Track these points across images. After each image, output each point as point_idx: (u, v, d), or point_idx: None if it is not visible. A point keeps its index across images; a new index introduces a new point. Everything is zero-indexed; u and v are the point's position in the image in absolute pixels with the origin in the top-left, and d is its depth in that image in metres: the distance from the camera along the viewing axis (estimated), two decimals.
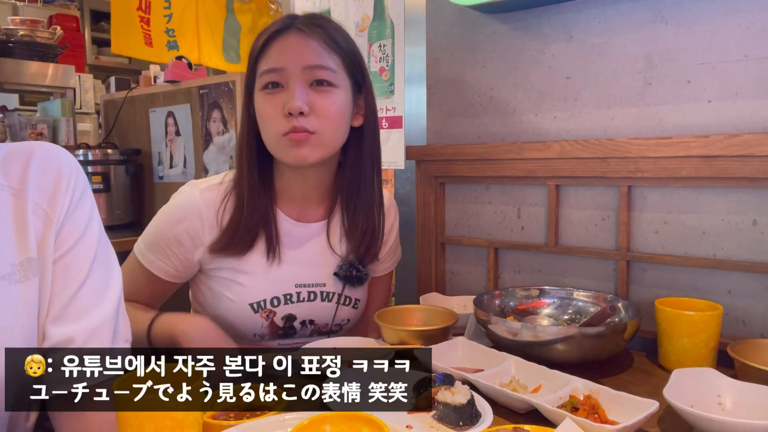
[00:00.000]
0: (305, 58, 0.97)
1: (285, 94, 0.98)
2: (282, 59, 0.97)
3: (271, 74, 0.98)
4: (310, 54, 0.98)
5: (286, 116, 0.97)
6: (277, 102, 0.98)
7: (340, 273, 1.12)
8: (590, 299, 1.15)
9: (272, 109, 0.98)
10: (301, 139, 0.98)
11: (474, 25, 1.38)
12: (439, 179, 1.43)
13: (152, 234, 1.07)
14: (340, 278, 1.12)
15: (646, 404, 0.74)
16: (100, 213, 0.79)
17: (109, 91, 4.06)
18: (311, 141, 0.99)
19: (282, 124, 0.97)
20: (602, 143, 1.15)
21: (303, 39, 0.98)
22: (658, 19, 1.12)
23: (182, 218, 1.05)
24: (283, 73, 0.97)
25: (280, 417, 0.71)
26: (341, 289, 1.13)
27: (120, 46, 3.42)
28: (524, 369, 0.91)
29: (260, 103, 1.01)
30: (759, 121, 1.04)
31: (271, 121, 0.99)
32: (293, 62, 0.97)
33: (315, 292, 1.11)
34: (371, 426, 0.62)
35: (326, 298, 1.12)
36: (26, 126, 2.71)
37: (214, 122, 2.39)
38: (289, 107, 0.96)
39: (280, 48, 0.98)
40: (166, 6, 3.55)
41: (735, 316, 1.06)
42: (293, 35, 0.98)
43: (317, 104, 0.98)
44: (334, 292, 1.13)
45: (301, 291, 1.10)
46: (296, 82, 0.97)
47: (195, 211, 1.05)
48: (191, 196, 1.07)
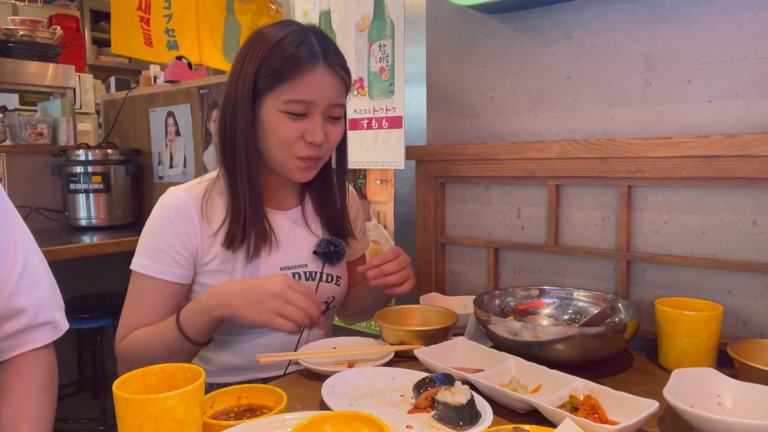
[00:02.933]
0: (331, 97, 1.07)
1: (307, 122, 1.06)
2: (314, 94, 1.05)
3: (300, 105, 1.05)
4: (336, 93, 1.08)
5: (306, 143, 1.07)
6: (298, 127, 1.06)
7: (319, 250, 1.18)
8: (590, 299, 1.15)
9: (293, 132, 1.06)
10: (312, 165, 1.10)
11: (474, 25, 1.38)
12: (439, 179, 1.43)
13: (147, 245, 1.09)
14: (319, 256, 1.18)
15: (646, 404, 0.74)
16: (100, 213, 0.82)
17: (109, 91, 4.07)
18: (317, 165, 1.12)
19: (300, 148, 1.07)
20: (602, 143, 1.15)
21: (332, 78, 1.07)
22: (658, 19, 1.13)
23: (171, 217, 1.08)
24: (311, 106, 1.05)
25: (280, 417, 0.71)
26: (321, 266, 1.18)
27: (120, 46, 3.43)
28: (524, 369, 0.91)
29: (278, 122, 1.06)
30: (759, 121, 1.04)
31: (288, 142, 1.07)
32: (322, 99, 1.06)
33: (299, 272, 1.16)
34: (371, 426, 0.62)
35: (309, 277, 1.17)
36: (26, 126, 2.71)
37: (214, 122, 2.39)
38: (314, 139, 1.06)
39: (311, 82, 1.04)
40: (166, 6, 3.56)
41: (735, 316, 1.06)
42: (324, 73, 1.05)
43: (329, 134, 1.09)
44: (315, 271, 1.18)
45: (286, 273, 1.14)
46: (319, 115, 1.06)
47: (181, 208, 1.09)
48: (174, 196, 1.11)
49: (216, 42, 3.85)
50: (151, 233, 1.09)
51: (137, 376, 0.70)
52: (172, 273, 1.07)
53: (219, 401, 0.78)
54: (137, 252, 1.10)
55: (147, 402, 0.63)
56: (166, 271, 1.07)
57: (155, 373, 0.71)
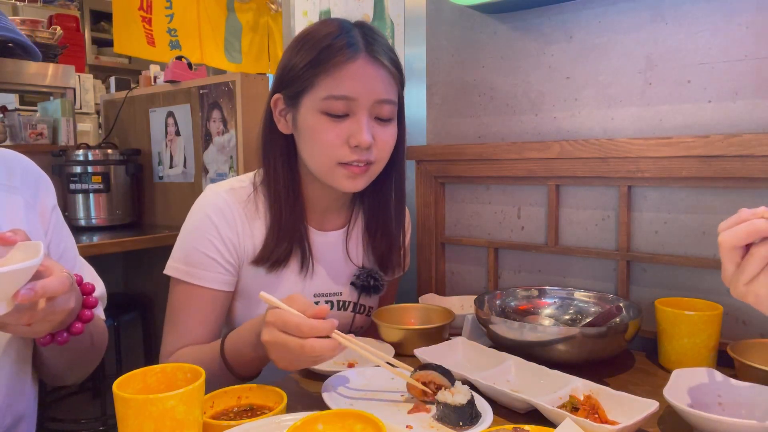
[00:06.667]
0: (377, 92, 0.95)
1: (351, 123, 0.95)
2: (355, 89, 0.93)
3: (340, 102, 0.93)
4: (383, 87, 0.95)
5: (351, 147, 0.95)
6: (341, 130, 0.94)
7: (357, 282, 1.10)
8: (591, 299, 1.15)
9: (335, 137, 0.94)
10: (361, 172, 0.97)
11: (474, 25, 1.38)
12: (439, 179, 1.43)
13: (188, 249, 1.00)
14: (356, 287, 1.11)
15: (646, 404, 0.74)
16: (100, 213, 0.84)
17: (109, 91, 4.07)
18: (368, 172, 0.99)
19: (344, 153, 0.95)
20: (602, 143, 1.15)
21: (376, 70, 0.94)
22: (658, 19, 1.12)
23: (214, 218, 1.00)
24: (353, 104, 0.94)
25: (280, 418, 0.71)
26: (357, 297, 1.11)
27: (122, 46, 3.43)
28: (524, 369, 0.91)
29: (318, 126, 0.95)
30: (759, 121, 1.04)
31: (330, 148, 0.95)
32: (366, 94, 0.93)
33: (332, 301, 1.11)
34: (365, 422, 0.62)
35: (342, 307, 1.12)
36: (26, 126, 2.70)
37: (214, 122, 2.39)
38: (360, 141, 0.93)
39: (352, 75, 0.93)
40: (168, 6, 3.56)
41: (735, 316, 1.06)
42: (367, 64, 0.94)
43: (379, 137, 0.97)
44: (349, 300, 1.12)
45: (319, 300, 1.09)
46: (364, 114, 0.95)
47: (224, 209, 1.01)
48: (216, 195, 1.02)
49: (217, 41, 3.85)
50: (192, 236, 1.00)
51: (137, 376, 0.70)
52: (219, 280, 0.99)
53: (219, 401, 0.78)
54: (175, 257, 1.01)
55: (147, 402, 0.63)
56: (213, 279, 0.99)
57: (155, 373, 0.71)
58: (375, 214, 1.11)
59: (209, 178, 2.43)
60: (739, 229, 0.63)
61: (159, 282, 2.52)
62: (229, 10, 3.90)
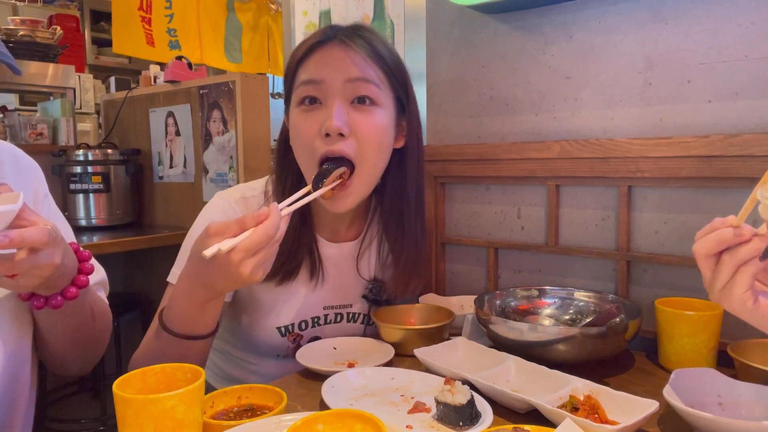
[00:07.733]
0: (347, 71, 0.88)
1: (323, 111, 0.88)
2: (322, 70, 0.88)
3: (309, 86, 0.89)
4: (353, 66, 0.88)
5: (323, 137, 0.87)
6: (314, 120, 0.88)
7: (369, 296, 1.09)
8: (591, 299, 1.15)
9: (308, 127, 0.88)
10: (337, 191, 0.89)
11: (474, 25, 1.38)
12: (439, 179, 1.43)
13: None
14: (368, 300, 1.10)
15: (646, 404, 0.74)
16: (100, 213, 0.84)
17: (109, 91, 4.07)
18: (347, 190, 0.90)
19: (318, 144, 0.88)
20: (602, 143, 1.15)
21: (345, 50, 0.89)
22: (658, 19, 1.12)
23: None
24: (322, 87, 0.88)
25: (280, 418, 0.71)
26: (368, 309, 1.10)
27: (122, 46, 3.43)
28: (524, 369, 0.91)
29: (296, 119, 0.91)
30: (759, 121, 1.04)
31: (306, 140, 0.89)
32: (334, 75, 0.87)
33: (342, 313, 1.10)
34: (365, 422, 0.62)
35: (352, 319, 1.11)
36: (26, 126, 2.71)
37: (214, 122, 2.39)
38: (327, 127, 0.86)
39: (320, 59, 0.89)
40: (167, 6, 3.56)
41: (735, 316, 1.06)
42: (335, 46, 0.89)
43: (358, 125, 0.88)
44: (360, 312, 1.12)
45: (328, 313, 1.09)
46: (336, 98, 0.88)
47: (231, 216, 0.96)
48: (224, 202, 0.99)
49: (217, 41, 3.86)
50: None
51: (137, 376, 0.70)
52: None
53: (219, 401, 0.78)
54: (179, 263, 0.97)
55: (147, 402, 0.63)
56: None
57: (155, 373, 0.71)
58: (390, 226, 1.05)
59: (209, 178, 2.43)
60: (709, 239, 0.67)
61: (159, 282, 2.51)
62: (228, 10, 3.90)
